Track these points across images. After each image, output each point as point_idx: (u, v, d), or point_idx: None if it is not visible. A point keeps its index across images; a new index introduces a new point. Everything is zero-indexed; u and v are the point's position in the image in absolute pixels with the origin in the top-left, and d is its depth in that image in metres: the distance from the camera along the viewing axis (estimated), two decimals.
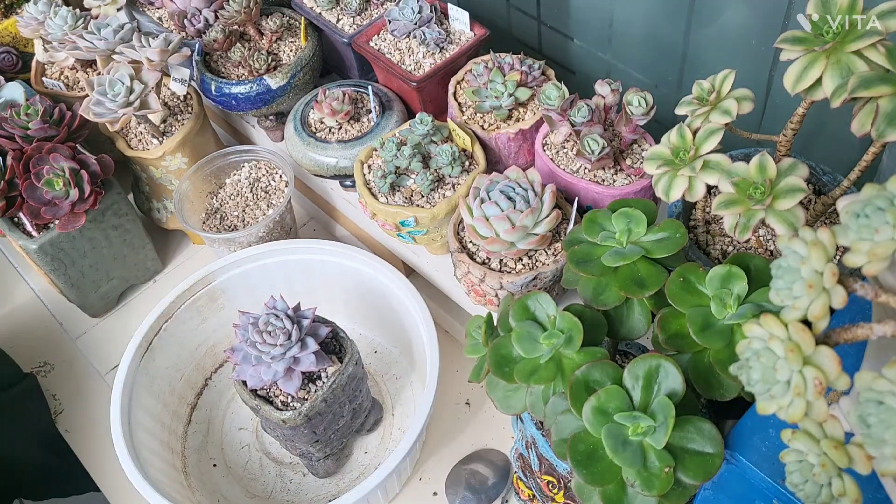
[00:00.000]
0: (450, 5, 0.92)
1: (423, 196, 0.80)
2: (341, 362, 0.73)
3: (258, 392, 0.72)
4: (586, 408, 0.51)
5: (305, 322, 0.70)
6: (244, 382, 0.72)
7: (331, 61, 1.07)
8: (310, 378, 0.73)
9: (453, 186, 0.80)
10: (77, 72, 1.09)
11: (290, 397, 0.72)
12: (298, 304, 0.73)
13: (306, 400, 0.71)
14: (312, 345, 0.69)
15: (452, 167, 0.79)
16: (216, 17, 0.99)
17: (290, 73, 0.95)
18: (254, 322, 0.69)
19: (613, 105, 0.75)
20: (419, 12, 0.89)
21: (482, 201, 0.71)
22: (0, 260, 1.14)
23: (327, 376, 0.73)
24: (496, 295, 0.74)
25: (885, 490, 0.41)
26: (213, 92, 0.96)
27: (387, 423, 0.89)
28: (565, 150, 0.78)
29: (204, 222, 0.98)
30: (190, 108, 1.00)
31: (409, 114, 0.93)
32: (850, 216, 0.37)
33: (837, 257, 0.62)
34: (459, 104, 0.86)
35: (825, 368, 0.37)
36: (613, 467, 0.50)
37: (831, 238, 0.38)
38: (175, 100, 1.01)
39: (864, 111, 0.48)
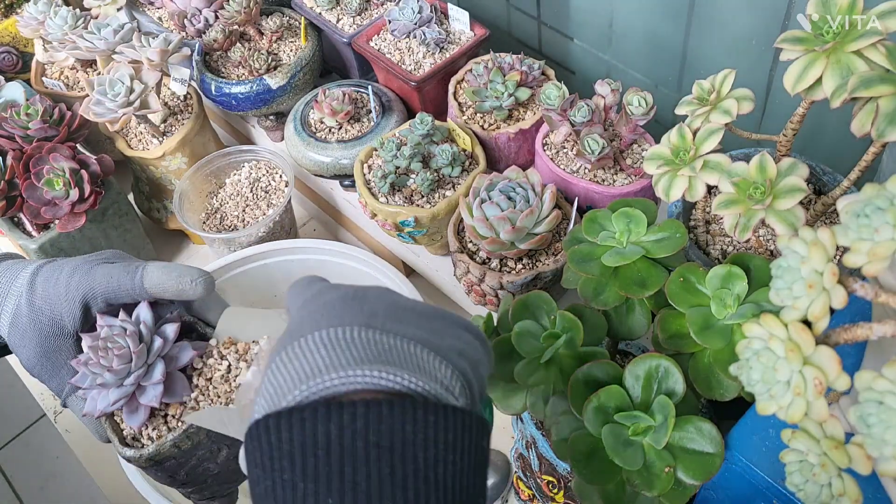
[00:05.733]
0: (450, 5, 0.92)
1: (423, 196, 0.80)
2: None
3: (113, 417, 0.58)
4: (586, 408, 0.51)
5: (158, 343, 0.56)
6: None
7: (331, 61, 1.07)
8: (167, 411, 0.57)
9: (453, 186, 0.80)
10: (77, 72, 1.09)
11: (137, 431, 0.57)
12: (176, 314, 0.59)
13: (154, 440, 0.56)
14: (158, 374, 0.55)
15: (452, 167, 0.79)
16: (216, 17, 0.99)
17: (290, 73, 0.95)
18: (94, 336, 0.56)
19: (613, 105, 0.75)
20: (419, 12, 0.89)
21: (482, 201, 0.71)
22: None
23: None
24: (496, 295, 0.74)
25: (885, 490, 0.41)
26: (213, 92, 0.96)
27: None
28: (565, 150, 0.78)
29: (204, 222, 0.98)
30: (190, 108, 1.00)
31: (409, 114, 0.93)
32: (850, 216, 0.37)
33: (837, 257, 0.62)
34: (459, 104, 0.86)
35: (825, 368, 0.37)
36: (613, 467, 0.50)
37: (831, 238, 0.38)
38: (175, 100, 1.01)
39: (864, 111, 0.48)
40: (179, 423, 0.56)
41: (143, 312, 0.57)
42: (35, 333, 0.57)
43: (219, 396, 0.57)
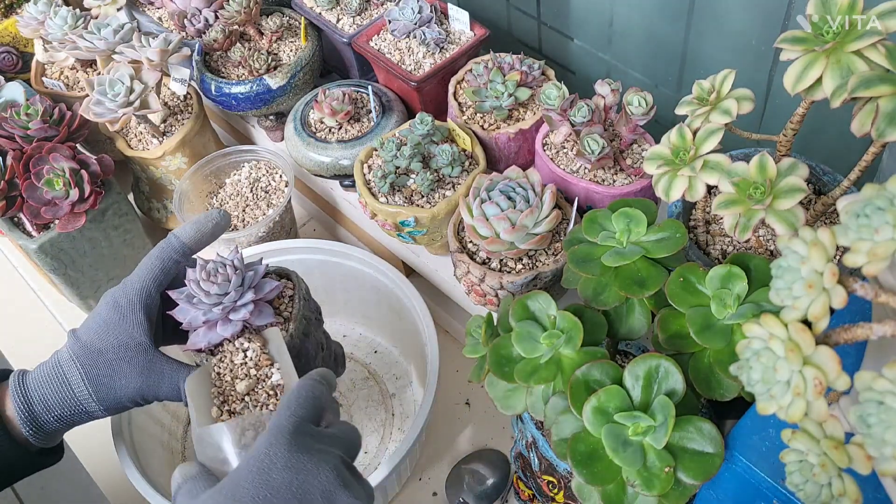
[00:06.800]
0: (450, 5, 0.92)
1: (423, 196, 0.80)
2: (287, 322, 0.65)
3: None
4: (586, 408, 0.51)
5: (236, 261, 0.63)
6: (201, 351, 0.63)
7: (331, 61, 1.07)
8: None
9: (453, 186, 0.80)
10: (77, 72, 1.09)
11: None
12: (261, 259, 0.66)
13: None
14: (262, 269, 0.64)
15: (452, 167, 0.79)
16: (216, 17, 0.99)
17: (290, 73, 0.95)
18: (183, 290, 0.62)
19: (613, 105, 0.75)
20: (419, 12, 0.89)
21: (482, 201, 0.71)
22: (0, 260, 1.14)
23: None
24: (496, 295, 0.74)
25: (885, 490, 0.41)
26: (213, 92, 0.96)
27: (387, 423, 0.89)
28: (565, 150, 0.78)
29: None
30: (190, 108, 1.00)
31: (409, 114, 0.93)
32: (850, 216, 0.37)
33: (837, 257, 0.62)
34: (459, 104, 0.86)
35: (825, 368, 0.37)
36: (613, 467, 0.50)
37: (831, 238, 0.38)
38: (175, 100, 1.01)
39: (864, 111, 0.48)
40: (286, 318, 0.65)
41: (200, 261, 0.62)
42: (126, 371, 0.60)
43: (222, 375, 0.61)
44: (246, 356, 0.61)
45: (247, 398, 0.60)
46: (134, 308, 0.60)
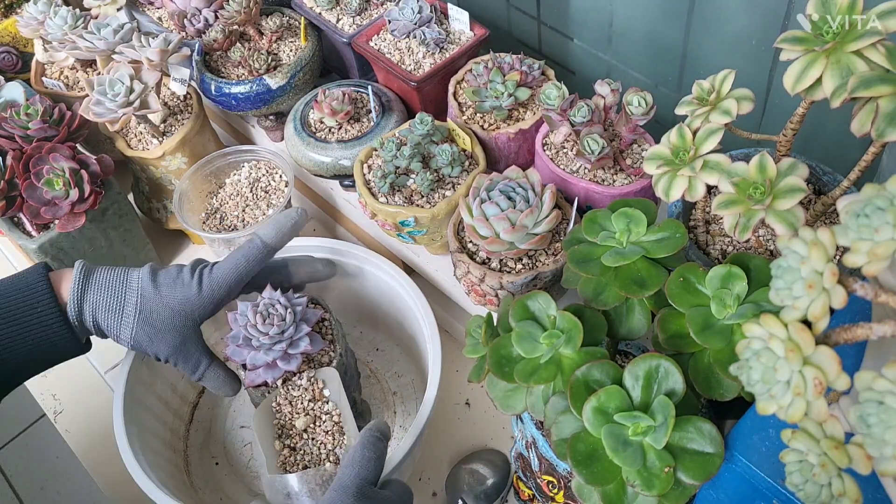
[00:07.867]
0: (450, 5, 0.92)
1: (423, 196, 0.80)
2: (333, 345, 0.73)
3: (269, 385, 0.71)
4: (586, 408, 0.51)
5: (299, 308, 0.70)
6: (263, 384, 0.70)
7: (331, 61, 1.07)
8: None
9: (453, 186, 0.80)
10: (77, 72, 1.09)
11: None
12: (290, 291, 0.72)
13: (333, 358, 0.72)
14: (305, 328, 0.69)
15: (452, 167, 0.79)
16: (216, 17, 0.99)
17: (289, 73, 0.95)
18: (234, 332, 0.69)
19: (613, 105, 0.75)
20: (419, 12, 0.89)
21: (482, 201, 0.71)
22: (0, 260, 1.14)
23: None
24: (496, 295, 0.74)
25: (885, 490, 0.41)
26: (213, 92, 0.96)
27: (389, 421, 0.89)
28: (565, 150, 0.78)
29: (204, 222, 0.98)
30: (190, 108, 1.00)
31: (409, 114, 0.93)
32: (850, 216, 0.37)
33: (837, 257, 0.62)
34: (459, 104, 0.86)
35: (825, 368, 0.37)
36: (613, 467, 0.50)
37: (831, 238, 0.38)
38: (175, 100, 1.01)
39: (864, 111, 0.48)
40: (330, 341, 0.72)
41: (268, 292, 0.69)
42: (172, 332, 0.66)
43: (282, 406, 0.69)
44: (302, 388, 0.68)
45: (304, 434, 0.67)
46: (213, 293, 0.66)
